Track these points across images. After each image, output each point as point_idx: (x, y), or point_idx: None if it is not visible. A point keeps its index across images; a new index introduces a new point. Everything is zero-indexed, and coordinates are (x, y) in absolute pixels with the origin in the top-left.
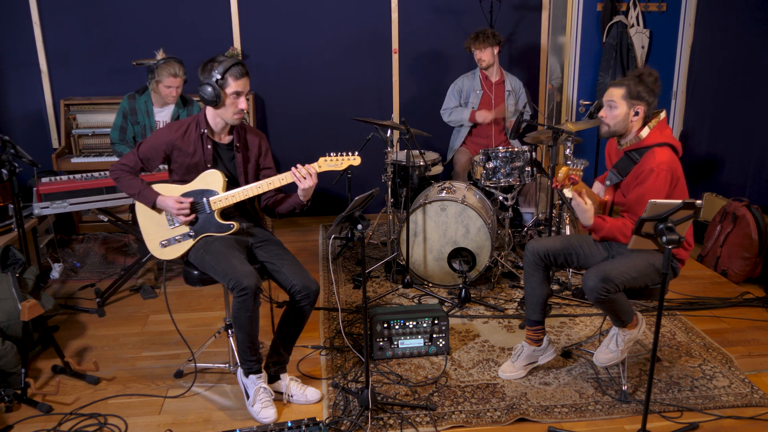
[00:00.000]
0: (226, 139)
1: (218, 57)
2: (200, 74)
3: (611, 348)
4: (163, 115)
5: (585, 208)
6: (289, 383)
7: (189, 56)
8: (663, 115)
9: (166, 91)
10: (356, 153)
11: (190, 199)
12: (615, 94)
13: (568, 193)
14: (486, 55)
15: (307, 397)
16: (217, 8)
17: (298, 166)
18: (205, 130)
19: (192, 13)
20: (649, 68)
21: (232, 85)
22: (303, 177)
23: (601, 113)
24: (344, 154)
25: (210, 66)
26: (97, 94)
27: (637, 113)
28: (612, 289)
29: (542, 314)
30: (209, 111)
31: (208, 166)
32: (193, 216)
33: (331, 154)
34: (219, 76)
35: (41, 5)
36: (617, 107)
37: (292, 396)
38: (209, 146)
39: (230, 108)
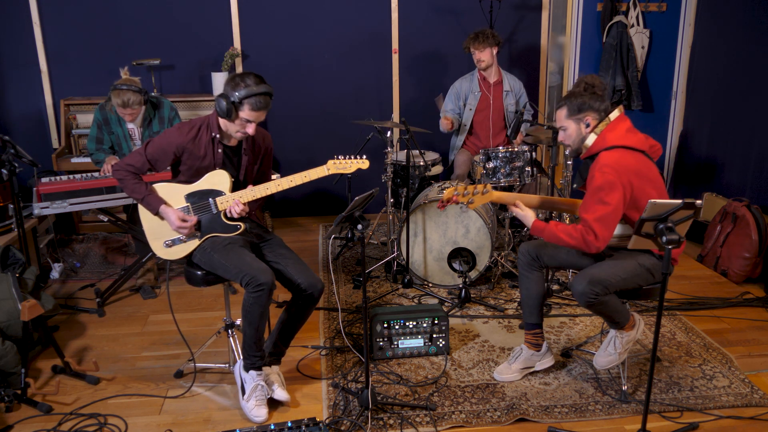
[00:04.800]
0: (234, 141)
1: (248, 78)
2: (225, 83)
3: (610, 351)
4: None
5: (523, 214)
6: (269, 374)
7: (189, 56)
8: (614, 114)
9: (122, 116)
10: (365, 157)
11: (195, 219)
12: (560, 117)
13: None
14: (485, 55)
15: (273, 393)
16: (217, 9)
17: (237, 201)
18: (217, 135)
19: (192, 14)
20: (582, 77)
21: (247, 113)
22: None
23: (559, 138)
24: (353, 157)
25: (236, 82)
26: (97, 94)
27: (588, 125)
28: (601, 292)
29: (540, 316)
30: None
31: (217, 169)
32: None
33: (340, 156)
34: (237, 99)
35: (41, 5)
36: (566, 128)
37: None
38: (219, 150)
39: (237, 127)
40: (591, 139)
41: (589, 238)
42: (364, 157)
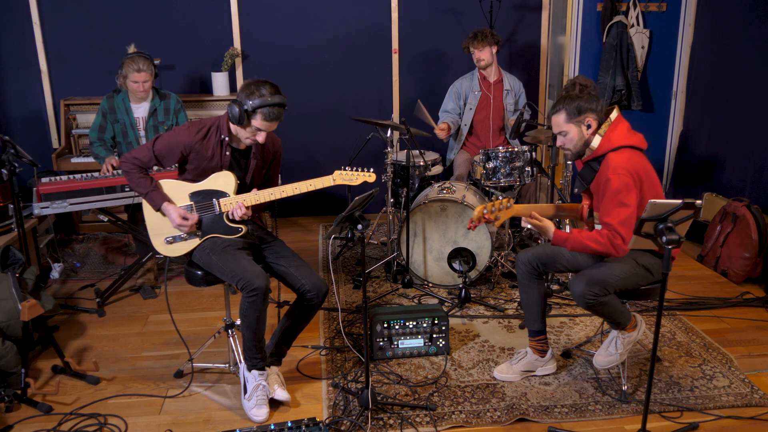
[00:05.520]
0: (244, 144)
1: (264, 87)
2: (240, 89)
3: (610, 351)
4: (141, 110)
5: (542, 225)
6: (269, 375)
7: (189, 56)
8: (613, 114)
9: (134, 86)
10: (371, 170)
11: (195, 218)
12: (559, 122)
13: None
14: (485, 54)
15: (273, 394)
16: (217, 8)
17: (240, 204)
18: (226, 138)
19: (192, 13)
20: (573, 79)
21: (259, 122)
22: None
23: (558, 143)
24: (360, 169)
25: (251, 90)
26: (97, 94)
27: (589, 126)
28: (600, 293)
29: (543, 323)
30: None
31: (223, 170)
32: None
33: (347, 168)
34: (251, 108)
35: (41, 5)
36: (568, 132)
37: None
38: (227, 153)
39: (247, 134)
40: (596, 141)
41: (617, 242)
42: (372, 170)
